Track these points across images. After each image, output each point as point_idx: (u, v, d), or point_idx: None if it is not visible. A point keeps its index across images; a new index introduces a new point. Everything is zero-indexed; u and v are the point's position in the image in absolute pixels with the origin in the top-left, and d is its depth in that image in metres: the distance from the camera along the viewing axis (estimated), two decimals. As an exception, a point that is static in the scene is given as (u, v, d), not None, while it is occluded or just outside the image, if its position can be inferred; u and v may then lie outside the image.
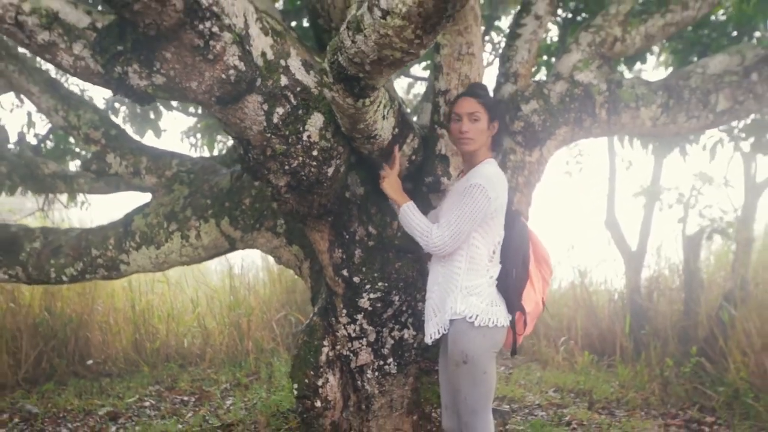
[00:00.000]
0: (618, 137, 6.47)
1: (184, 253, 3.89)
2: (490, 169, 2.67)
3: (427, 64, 6.38)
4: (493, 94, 3.55)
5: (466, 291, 2.63)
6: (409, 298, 3.26)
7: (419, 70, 7.34)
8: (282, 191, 2.86)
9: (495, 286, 2.67)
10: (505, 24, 6.58)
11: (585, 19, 5.00)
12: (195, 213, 3.80)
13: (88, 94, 5.49)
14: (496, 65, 3.73)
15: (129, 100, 2.66)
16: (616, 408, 5.10)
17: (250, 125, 2.65)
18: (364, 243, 3.20)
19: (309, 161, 2.76)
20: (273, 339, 7.03)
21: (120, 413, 5.42)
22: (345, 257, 3.18)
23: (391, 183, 2.82)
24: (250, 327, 6.99)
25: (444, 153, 3.21)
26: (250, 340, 6.86)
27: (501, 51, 3.74)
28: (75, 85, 6.66)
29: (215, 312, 7.68)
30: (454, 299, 2.62)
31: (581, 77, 3.42)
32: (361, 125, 2.63)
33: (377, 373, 3.30)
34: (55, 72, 6.43)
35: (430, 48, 2.23)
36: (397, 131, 2.94)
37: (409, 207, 2.71)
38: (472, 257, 2.65)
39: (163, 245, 3.84)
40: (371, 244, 3.22)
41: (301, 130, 2.71)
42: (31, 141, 6.23)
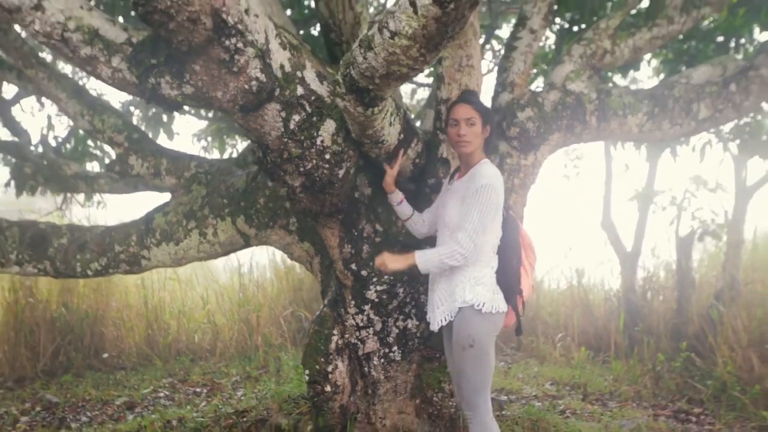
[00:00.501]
0: (612, 141, 6.73)
1: (201, 249, 4.15)
2: (491, 169, 2.92)
3: (430, 71, 6.64)
4: (492, 101, 3.82)
5: (473, 281, 2.88)
6: (413, 290, 3.52)
7: (422, 77, 7.60)
8: (297, 191, 3.12)
9: (495, 276, 2.92)
10: (504, 33, 6.85)
11: (581, 30, 5.25)
12: (212, 212, 4.06)
13: (104, 98, 5.73)
14: (495, 73, 3.97)
15: (160, 107, 2.92)
16: (609, 400, 5.35)
17: (269, 131, 2.91)
18: (371, 239, 3.47)
19: (322, 164, 3.03)
20: (281, 335, 7.28)
21: (136, 403, 5.69)
22: (354, 252, 3.45)
23: (392, 258, 2.90)
24: (259, 323, 7.24)
25: (445, 156, 3.48)
26: (258, 335, 7.11)
27: (499, 61, 3.98)
28: (93, 89, 6.94)
29: (224, 309, 7.94)
30: (462, 289, 2.87)
31: (573, 87, 3.68)
32: (370, 131, 2.90)
33: (383, 360, 3.56)
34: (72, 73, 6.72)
35: (433, 61, 2.49)
36: (403, 137, 3.20)
37: (419, 255, 2.86)
38: (479, 250, 2.89)
39: (182, 242, 4.10)
40: (378, 240, 3.48)
41: (315, 135, 2.97)
42: (51, 143, 6.50)
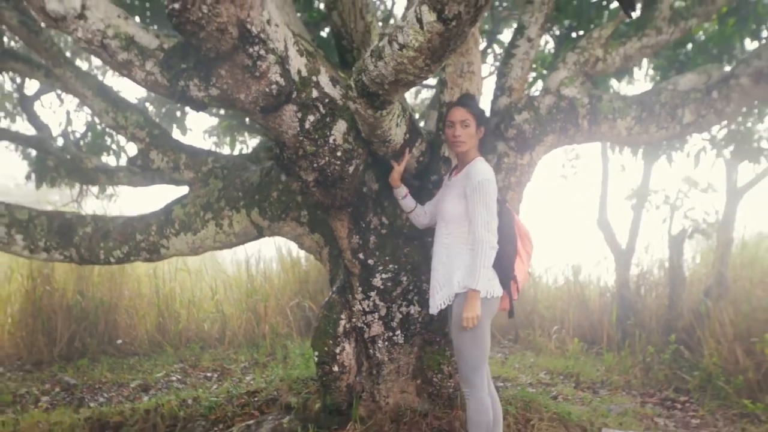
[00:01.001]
0: (610, 145, 7.01)
1: (217, 239, 4.42)
2: (484, 166, 3.20)
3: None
4: (491, 105, 4.09)
5: None
6: (415, 278, 3.80)
7: (426, 78, 7.86)
8: (310, 185, 3.40)
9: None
10: (505, 37, 7.12)
11: (578, 36, 5.52)
12: (228, 204, 4.33)
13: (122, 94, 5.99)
14: (496, 76, 4.25)
15: (188, 107, 3.20)
16: (600, 388, 5.63)
17: (286, 130, 3.19)
18: (377, 231, 3.75)
19: (334, 160, 3.30)
20: (287, 324, 7.56)
21: (150, 385, 5.99)
22: (361, 243, 3.73)
23: (469, 310, 3.02)
24: (266, 312, 7.52)
25: (447, 155, 3.76)
26: (266, 324, 7.40)
27: (498, 67, 4.25)
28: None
29: (232, 299, 8.23)
30: (460, 275, 3.14)
31: (567, 92, 3.95)
32: (379, 131, 3.17)
33: (387, 343, 3.84)
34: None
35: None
36: (408, 136, 3.48)
37: (474, 285, 3.01)
38: (493, 236, 3.12)
39: (200, 232, 4.37)
40: (384, 232, 3.76)
41: (328, 134, 3.24)
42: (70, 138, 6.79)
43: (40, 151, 6.04)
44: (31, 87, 6.81)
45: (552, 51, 6.62)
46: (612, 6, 4.97)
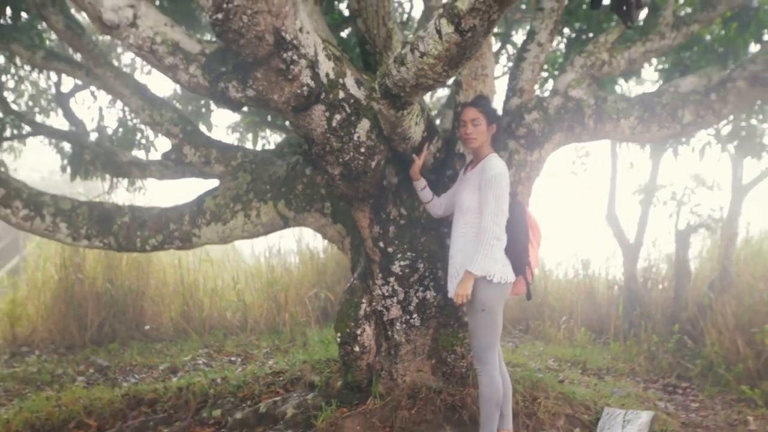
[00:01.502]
0: (609, 141, 7.26)
1: (246, 229, 4.73)
2: (497, 161, 3.47)
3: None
4: (503, 105, 4.37)
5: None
6: (431, 266, 4.09)
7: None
8: (336, 179, 3.70)
9: (504, 250, 3.46)
10: (518, 37, 7.38)
11: (588, 39, 5.78)
12: (256, 196, 4.64)
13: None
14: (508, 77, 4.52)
15: (226, 107, 3.51)
16: (605, 374, 5.90)
17: (315, 128, 3.49)
18: (396, 221, 4.05)
19: (358, 156, 3.60)
20: (306, 313, 7.89)
21: (178, 368, 6.33)
22: (382, 232, 4.03)
23: (462, 288, 3.31)
24: (286, 301, 7.85)
25: (461, 152, 4.05)
26: (286, 312, 7.73)
27: (510, 69, 4.53)
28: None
29: (253, 289, 8.57)
30: None
31: (574, 93, 4.22)
32: (399, 129, 3.47)
33: (404, 326, 4.14)
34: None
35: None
36: (426, 134, 3.77)
37: (472, 269, 3.28)
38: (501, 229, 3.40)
39: (229, 222, 4.68)
40: (402, 222, 4.06)
41: (353, 132, 3.54)
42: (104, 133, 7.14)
43: (76, 146, 6.39)
44: (66, 85, 7.17)
45: (561, 52, 6.89)
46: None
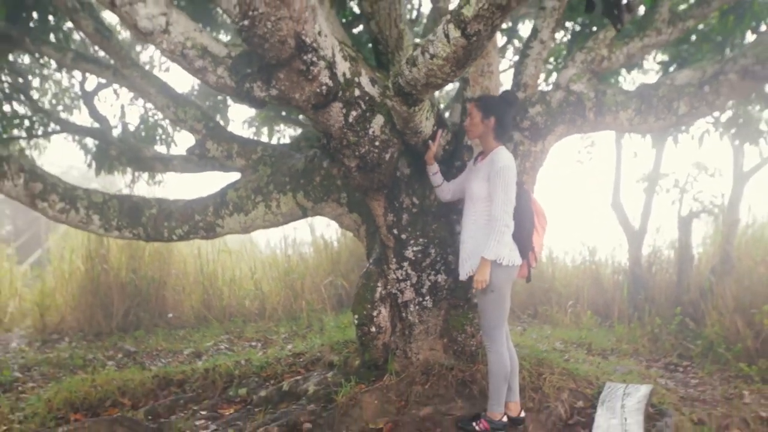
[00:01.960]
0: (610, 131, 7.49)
1: (266, 219, 5.01)
2: (505, 154, 3.73)
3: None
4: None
5: None
6: (442, 251, 4.37)
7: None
8: (352, 170, 3.98)
9: (512, 236, 3.72)
10: (524, 29, 7.61)
11: (590, 32, 6.01)
12: (276, 188, 4.92)
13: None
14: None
15: (251, 105, 3.79)
16: (610, 354, 6.17)
17: (333, 123, 3.76)
18: (409, 210, 4.32)
19: (373, 149, 3.87)
20: (321, 300, 8.20)
21: (202, 353, 6.66)
22: (395, 220, 4.31)
23: (481, 274, 3.55)
24: (303, 289, 8.16)
25: (469, 144, 4.31)
26: (303, 300, 8.04)
27: (515, 66, 4.77)
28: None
29: (270, 278, 8.89)
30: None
31: (575, 87, 4.46)
32: (411, 124, 3.74)
33: (417, 307, 4.42)
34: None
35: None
36: (435, 128, 4.04)
37: (486, 255, 3.54)
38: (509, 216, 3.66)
39: (251, 212, 4.96)
40: (415, 210, 4.34)
41: (368, 127, 3.81)
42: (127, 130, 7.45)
43: (102, 142, 6.70)
44: (89, 83, 7.48)
45: (565, 45, 7.12)
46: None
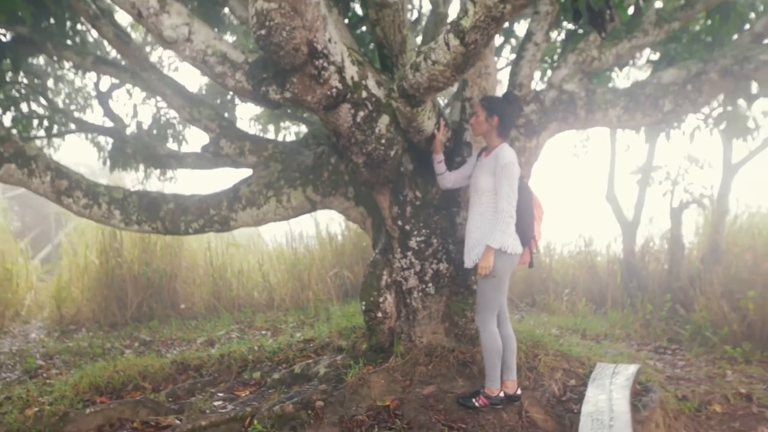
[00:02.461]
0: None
1: (277, 213, 5.31)
2: (510, 150, 4.01)
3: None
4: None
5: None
6: (444, 241, 4.68)
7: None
8: (360, 166, 4.29)
9: (514, 225, 4.00)
10: (519, 30, 7.88)
11: (584, 32, 6.29)
12: (287, 183, 5.22)
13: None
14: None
15: (267, 107, 4.09)
16: (603, 339, 6.49)
17: (342, 123, 4.06)
18: (413, 202, 4.63)
19: (379, 146, 4.18)
20: (327, 291, 8.51)
21: (215, 341, 6.97)
22: (400, 212, 4.62)
23: (485, 260, 3.84)
24: (309, 280, 8.47)
25: (468, 141, 4.62)
26: (310, 290, 8.35)
27: (510, 67, 5.07)
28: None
29: (277, 270, 9.20)
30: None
31: (567, 87, 4.77)
32: (414, 123, 4.05)
33: (421, 294, 4.73)
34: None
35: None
36: (437, 127, 4.34)
37: (491, 243, 3.80)
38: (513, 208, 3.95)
39: (263, 206, 5.25)
40: (418, 203, 4.64)
41: (374, 126, 4.11)
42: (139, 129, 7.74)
43: (117, 140, 7.00)
44: (103, 84, 7.78)
45: (558, 44, 7.40)
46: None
